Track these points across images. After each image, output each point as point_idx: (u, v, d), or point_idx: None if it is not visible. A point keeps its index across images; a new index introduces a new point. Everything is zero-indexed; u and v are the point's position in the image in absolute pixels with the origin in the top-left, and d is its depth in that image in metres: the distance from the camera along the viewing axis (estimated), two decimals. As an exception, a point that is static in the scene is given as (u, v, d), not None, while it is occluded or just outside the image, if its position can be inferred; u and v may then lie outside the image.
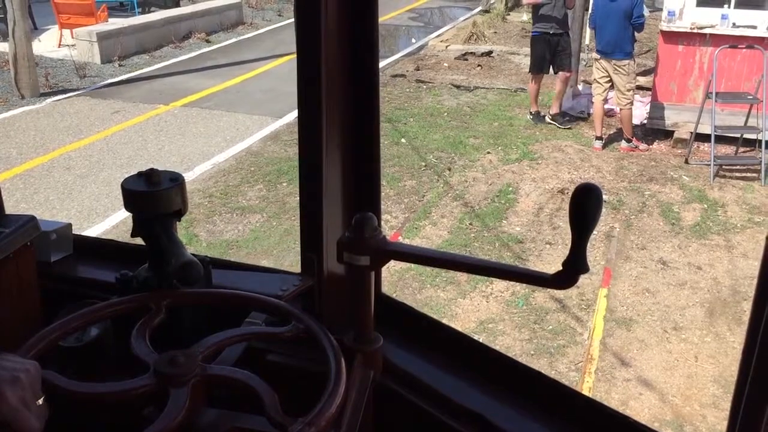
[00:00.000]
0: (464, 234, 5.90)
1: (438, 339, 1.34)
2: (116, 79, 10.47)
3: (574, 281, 0.97)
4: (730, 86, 7.48)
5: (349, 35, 1.27)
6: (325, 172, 1.30)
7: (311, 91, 1.25)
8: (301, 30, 1.25)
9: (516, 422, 1.18)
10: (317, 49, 1.22)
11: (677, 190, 6.69)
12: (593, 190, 0.90)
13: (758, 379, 0.86)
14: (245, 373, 0.98)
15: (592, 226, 0.91)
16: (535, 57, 8.21)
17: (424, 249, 1.22)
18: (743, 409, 0.88)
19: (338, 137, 1.32)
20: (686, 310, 4.84)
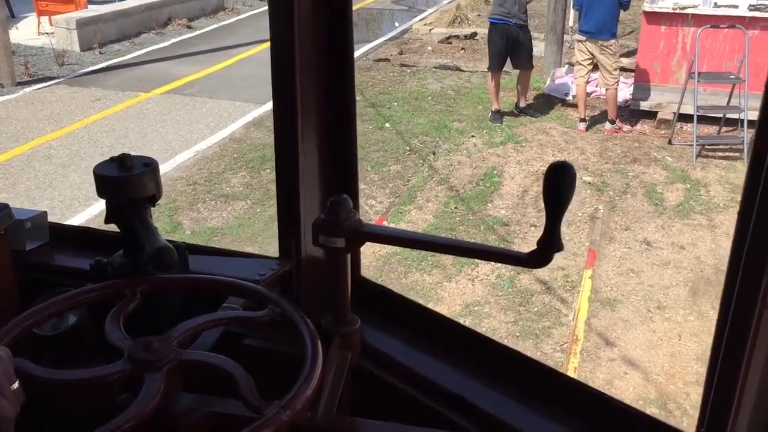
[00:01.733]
0: (449, 218, 5.91)
1: (417, 321, 1.34)
2: (96, 66, 10.35)
3: (548, 260, 0.96)
4: (713, 66, 7.50)
5: (323, 19, 1.26)
6: (302, 157, 1.29)
7: (286, 76, 1.24)
8: (274, 16, 1.24)
9: (494, 401, 1.18)
10: (291, 35, 1.21)
11: (661, 171, 6.72)
12: (567, 168, 0.89)
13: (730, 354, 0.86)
14: (220, 357, 0.98)
15: (565, 205, 0.91)
16: (492, 52, 7.73)
17: (399, 230, 1.21)
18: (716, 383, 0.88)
19: (314, 122, 1.31)
20: (670, 290, 4.88)
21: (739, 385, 0.85)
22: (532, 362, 1.26)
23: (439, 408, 1.17)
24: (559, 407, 1.17)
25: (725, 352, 0.88)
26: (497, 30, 7.67)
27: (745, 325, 0.84)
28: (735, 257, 0.85)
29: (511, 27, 7.63)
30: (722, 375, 0.88)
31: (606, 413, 1.14)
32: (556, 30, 9.17)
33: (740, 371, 0.84)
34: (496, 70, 7.85)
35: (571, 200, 0.92)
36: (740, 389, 0.85)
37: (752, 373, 0.85)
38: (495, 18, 7.69)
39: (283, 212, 1.33)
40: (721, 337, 0.89)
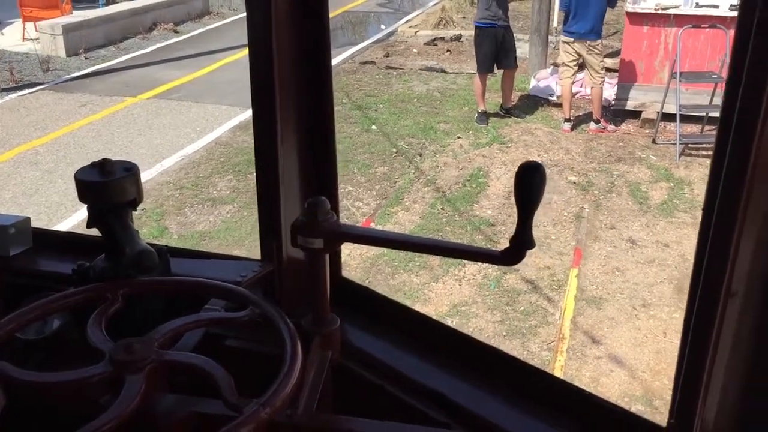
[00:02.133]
0: (436, 219, 5.93)
1: (397, 320, 1.36)
2: (82, 72, 10.32)
3: (521, 257, 0.99)
4: (695, 66, 7.58)
5: (300, 24, 1.28)
6: (281, 160, 1.31)
7: (264, 81, 1.26)
8: (251, 22, 1.26)
9: (474, 398, 1.20)
10: (268, 40, 1.23)
11: (645, 170, 6.78)
12: (537, 168, 0.92)
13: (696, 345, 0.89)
14: (200, 357, 0.99)
15: (536, 204, 0.93)
16: (484, 53, 7.72)
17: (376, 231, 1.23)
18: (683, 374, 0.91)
19: (293, 125, 1.32)
20: (654, 287, 4.92)
21: (706, 375, 0.88)
22: (513, 360, 1.29)
23: (419, 405, 1.19)
24: (540, 404, 1.19)
25: (692, 343, 0.90)
26: (486, 33, 7.69)
27: (710, 316, 0.86)
28: (700, 251, 0.88)
29: (498, 29, 7.68)
30: (689, 366, 0.91)
31: (588, 411, 1.16)
32: (541, 31, 9.23)
33: (706, 362, 0.87)
34: (485, 72, 7.87)
35: (541, 199, 0.94)
36: (707, 379, 0.88)
37: (718, 362, 0.87)
38: (483, 23, 7.70)
39: (263, 215, 1.35)
40: (688, 330, 0.91)
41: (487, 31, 7.67)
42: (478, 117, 7.90)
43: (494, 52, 7.71)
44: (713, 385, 0.88)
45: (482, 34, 7.72)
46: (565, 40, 7.56)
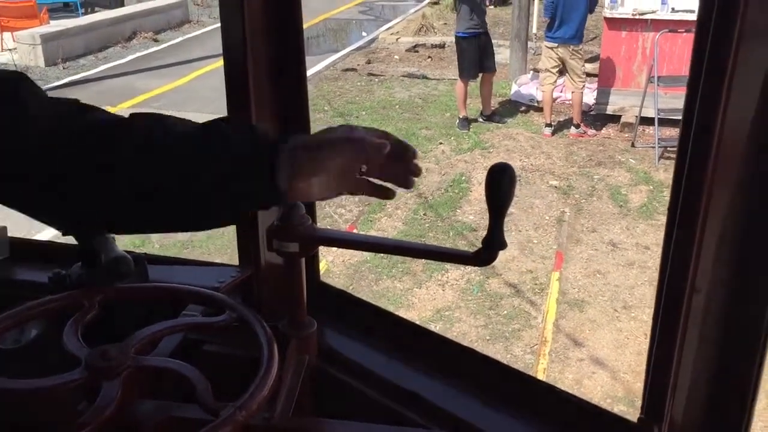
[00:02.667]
0: (419, 224, 5.96)
1: (375, 323, 1.37)
2: (61, 81, 10.26)
3: (493, 258, 1.00)
4: (672, 70, 7.67)
5: (276, 32, 1.29)
6: None
7: (239, 93, 1.27)
8: (226, 32, 1.27)
9: (452, 400, 1.22)
10: (243, 53, 1.24)
11: (625, 173, 6.85)
12: (507, 169, 0.93)
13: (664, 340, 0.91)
14: (176, 362, 1.00)
15: (507, 206, 0.95)
16: (468, 61, 7.79)
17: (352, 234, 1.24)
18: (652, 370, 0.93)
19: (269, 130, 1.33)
20: (635, 290, 4.97)
21: (674, 370, 0.90)
22: (489, 360, 1.30)
23: (396, 407, 1.20)
24: (514, 403, 1.21)
25: (659, 339, 0.92)
26: (469, 41, 7.77)
27: (676, 313, 0.89)
28: (665, 250, 0.90)
29: (481, 36, 7.78)
30: (658, 362, 0.93)
31: (562, 408, 1.17)
32: (521, 37, 9.31)
33: (674, 357, 0.89)
34: (468, 78, 7.94)
35: (511, 200, 0.96)
36: (675, 374, 0.90)
37: (685, 358, 0.89)
38: (467, 33, 7.75)
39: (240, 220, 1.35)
40: (656, 327, 0.93)
41: (470, 40, 7.75)
42: (460, 123, 7.94)
43: (478, 58, 7.79)
44: (681, 380, 0.90)
45: (466, 42, 7.79)
46: (548, 45, 7.62)
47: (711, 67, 0.77)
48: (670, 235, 0.88)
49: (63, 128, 0.86)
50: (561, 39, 7.44)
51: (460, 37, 7.83)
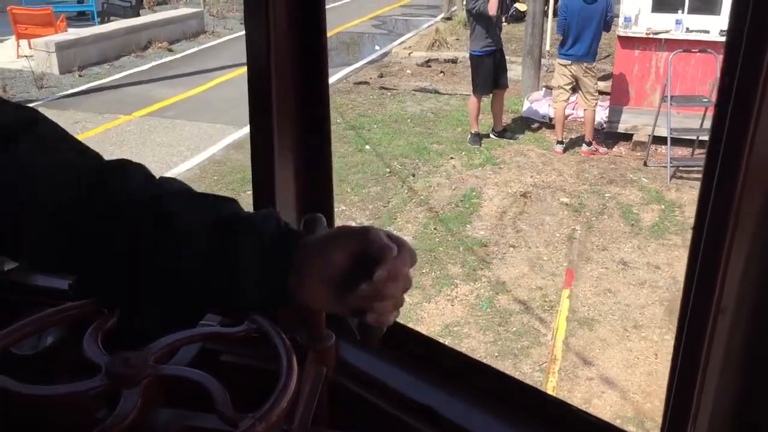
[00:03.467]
0: (429, 239, 5.95)
1: (392, 337, 1.36)
2: (76, 89, 10.34)
3: None
4: (686, 89, 7.67)
5: (299, 41, 1.30)
6: (278, 179, 1.32)
7: (262, 97, 1.28)
8: (251, 39, 1.28)
9: (468, 415, 1.21)
10: (267, 57, 1.25)
11: (636, 192, 6.83)
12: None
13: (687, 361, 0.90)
14: (196, 371, 1.00)
15: None
16: (483, 77, 7.82)
17: None
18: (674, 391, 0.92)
19: (290, 144, 1.34)
20: (646, 309, 4.94)
21: (697, 391, 0.89)
22: (506, 377, 1.29)
23: (412, 421, 1.20)
24: (532, 421, 1.20)
25: (683, 359, 0.91)
26: (485, 59, 7.77)
27: (701, 332, 0.88)
28: (690, 269, 0.90)
29: (496, 53, 7.81)
30: (681, 382, 0.92)
31: (578, 427, 1.17)
32: (534, 53, 9.33)
33: (697, 377, 0.88)
34: (482, 94, 7.95)
35: None
36: (698, 395, 0.89)
37: (709, 378, 0.89)
38: (483, 51, 7.75)
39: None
40: (679, 346, 0.93)
41: (486, 58, 7.77)
42: (472, 138, 7.95)
43: (492, 75, 7.82)
44: (704, 402, 0.90)
45: (480, 60, 7.80)
46: (561, 62, 7.62)
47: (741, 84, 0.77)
48: (695, 253, 0.87)
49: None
50: (574, 56, 7.45)
51: (476, 55, 7.83)
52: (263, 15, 1.22)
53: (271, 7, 1.22)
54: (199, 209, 0.83)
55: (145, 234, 0.81)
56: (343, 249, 0.81)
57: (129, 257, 0.82)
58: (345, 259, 0.80)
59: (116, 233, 0.81)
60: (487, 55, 7.75)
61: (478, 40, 7.75)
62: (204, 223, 0.81)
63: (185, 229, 0.81)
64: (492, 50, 7.74)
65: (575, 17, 7.35)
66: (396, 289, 0.83)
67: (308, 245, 0.82)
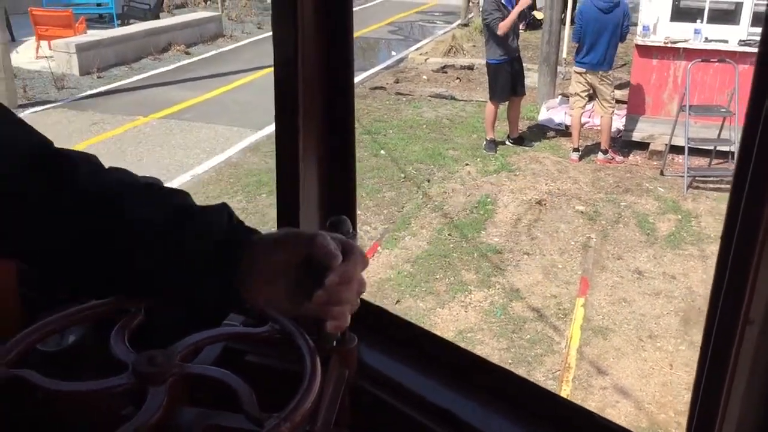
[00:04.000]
0: (443, 245, 5.95)
1: (412, 340, 1.37)
2: (95, 90, 10.43)
3: None
4: (704, 99, 7.63)
5: (327, 44, 1.31)
6: (302, 179, 1.33)
7: (288, 100, 1.29)
8: (278, 39, 1.29)
9: (487, 419, 1.21)
10: (294, 60, 1.26)
11: (652, 201, 6.79)
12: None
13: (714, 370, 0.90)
14: (222, 371, 1.00)
15: None
16: (501, 85, 7.81)
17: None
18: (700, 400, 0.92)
19: (315, 145, 1.35)
20: (661, 319, 4.91)
21: (722, 404, 0.89)
22: (528, 383, 1.29)
23: (433, 425, 1.20)
24: (553, 427, 1.20)
25: (709, 371, 0.91)
26: (503, 67, 7.77)
27: (728, 344, 0.88)
28: (718, 279, 0.89)
29: (514, 61, 7.80)
30: (705, 395, 0.92)
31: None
32: (550, 61, 9.32)
33: (723, 390, 0.88)
34: (500, 102, 7.94)
35: None
36: (723, 409, 0.89)
37: (735, 391, 0.88)
38: (501, 59, 7.75)
39: (283, 232, 1.37)
40: (705, 358, 0.92)
41: (504, 66, 7.77)
42: (487, 145, 7.95)
43: (510, 82, 7.82)
44: (729, 415, 0.89)
45: (501, 67, 7.79)
46: (577, 70, 7.60)
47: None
48: (724, 264, 0.87)
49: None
50: (589, 64, 7.43)
51: (493, 64, 7.82)
52: (291, 17, 1.23)
53: (299, 9, 1.23)
54: (153, 201, 0.84)
55: (97, 221, 0.81)
56: (288, 252, 0.81)
57: (76, 244, 0.82)
58: (290, 262, 0.81)
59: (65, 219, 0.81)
60: (504, 63, 7.74)
61: (495, 48, 7.74)
62: (157, 216, 0.82)
63: (138, 220, 0.81)
64: (508, 59, 7.74)
65: (591, 25, 7.32)
66: (350, 293, 0.84)
67: (257, 243, 0.83)
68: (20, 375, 0.97)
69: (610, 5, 7.23)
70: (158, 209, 0.83)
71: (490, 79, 7.96)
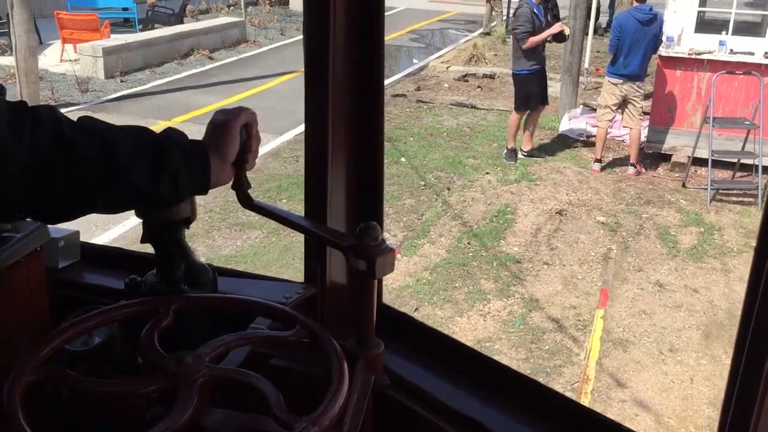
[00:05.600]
0: (462, 253, 5.93)
1: (437, 347, 1.37)
2: (118, 94, 10.55)
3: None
4: (728, 111, 7.56)
5: (356, 51, 1.32)
6: (330, 184, 1.34)
7: (318, 107, 1.30)
8: (309, 48, 1.30)
9: (512, 428, 1.21)
10: (325, 66, 1.27)
11: (674, 214, 6.74)
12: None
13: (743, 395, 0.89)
14: (251, 373, 1.01)
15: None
16: (528, 94, 7.74)
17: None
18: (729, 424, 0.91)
19: (343, 151, 1.36)
20: (682, 333, 4.86)
21: (755, 416, 0.88)
22: (554, 393, 1.29)
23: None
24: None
25: (741, 381, 0.90)
26: (531, 78, 7.75)
27: (761, 360, 0.87)
28: (751, 294, 0.89)
29: (540, 71, 7.80)
30: (738, 404, 0.91)
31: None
32: (572, 71, 9.28)
33: (756, 401, 0.87)
34: (525, 111, 7.90)
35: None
36: (755, 420, 0.88)
37: (765, 413, 0.87)
38: (530, 70, 7.71)
39: (310, 239, 1.37)
40: (737, 373, 0.91)
41: (532, 76, 7.74)
42: (507, 153, 7.92)
43: (537, 92, 7.81)
44: (762, 425, 0.88)
45: (526, 79, 7.76)
46: (612, 81, 7.48)
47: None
48: (758, 279, 0.86)
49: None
50: (626, 76, 7.35)
51: (520, 74, 7.77)
52: (324, 23, 1.23)
53: (332, 13, 1.24)
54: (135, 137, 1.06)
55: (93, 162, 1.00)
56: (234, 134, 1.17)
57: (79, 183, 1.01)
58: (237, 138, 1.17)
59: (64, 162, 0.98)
60: (532, 74, 7.70)
61: (523, 60, 7.69)
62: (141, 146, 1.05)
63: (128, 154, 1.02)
64: (536, 70, 7.70)
65: (630, 37, 7.23)
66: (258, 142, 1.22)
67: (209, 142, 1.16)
68: (55, 373, 0.98)
69: (649, 17, 7.19)
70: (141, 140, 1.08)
71: (517, 89, 7.91)
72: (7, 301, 1.37)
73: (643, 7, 7.22)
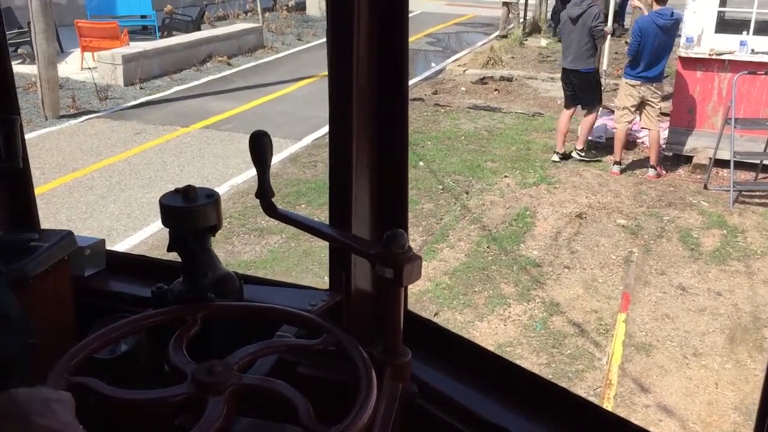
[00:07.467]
0: (482, 257, 5.91)
1: (463, 354, 1.36)
2: (138, 101, 10.63)
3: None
4: (750, 112, 7.47)
5: (380, 58, 1.31)
6: (355, 192, 1.33)
7: (342, 112, 1.29)
8: (333, 53, 1.29)
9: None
10: (349, 72, 1.26)
11: (696, 216, 6.66)
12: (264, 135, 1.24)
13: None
14: (279, 382, 1.01)
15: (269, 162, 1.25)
16: (599, 91, 8.02)
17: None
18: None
19: (367, 158, 1.35)
20: (706, 336, 4.80)
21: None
22: (583, 401, 1.27)
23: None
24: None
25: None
26: (597, 74, 7.95)
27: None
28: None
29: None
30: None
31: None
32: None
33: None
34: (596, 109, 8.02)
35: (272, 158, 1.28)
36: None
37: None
38: (592, 68, 7.85)
39: (334, 246, 1.37)
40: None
41: (596, 73, 7.97)
42: (562, 159, 8.01)
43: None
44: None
45: (597, 75, 7.95)
46: (631, 83, 7.42)
47: None
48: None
49: None
50: (645, 78, 7.28)
51: (593, 72, 7.88)
52: (348, 29, 1.23)
53: (355, 20, 1.23)
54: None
55: None
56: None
57: None
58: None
59: None
60: (596, 72, 7.87)
61: (593, 58, 7.81)
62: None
63: None
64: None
65: (650, 41, 7.15)
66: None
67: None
68: (83, 383, 0.98)
69: (670, 22, 7.13)
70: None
71: (594, 86, 7.90)
72: (35, 309, 1.38)
73: (665, 11, 7.13)
